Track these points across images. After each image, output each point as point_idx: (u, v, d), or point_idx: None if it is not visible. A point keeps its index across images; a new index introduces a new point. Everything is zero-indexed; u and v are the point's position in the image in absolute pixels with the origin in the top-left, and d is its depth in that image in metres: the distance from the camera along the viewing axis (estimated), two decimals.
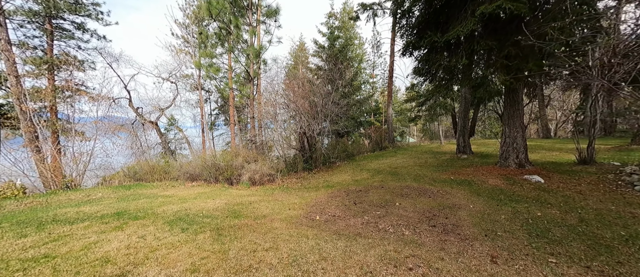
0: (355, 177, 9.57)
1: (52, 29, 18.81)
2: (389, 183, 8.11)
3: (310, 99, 11.23)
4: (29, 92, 15.66)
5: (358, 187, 7.88)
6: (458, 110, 12.51)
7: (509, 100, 8.73)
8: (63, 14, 19.16)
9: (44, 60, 18.31)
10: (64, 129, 15.75)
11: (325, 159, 12.19)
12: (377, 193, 6.97)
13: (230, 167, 9.85)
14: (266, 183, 9.81)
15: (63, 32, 19.81)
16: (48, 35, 18.58)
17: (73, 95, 17.77)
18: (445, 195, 6.44)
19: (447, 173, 8.94)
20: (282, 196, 7.65)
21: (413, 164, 11.05)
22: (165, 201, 7.03)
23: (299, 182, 9.88)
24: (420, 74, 9.74)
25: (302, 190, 8.37)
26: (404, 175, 9.10)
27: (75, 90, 18.22)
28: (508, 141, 8.72)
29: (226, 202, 6.77)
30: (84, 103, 19.41)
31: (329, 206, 6.18)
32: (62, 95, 18.89)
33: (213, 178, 9.79)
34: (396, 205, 5.85)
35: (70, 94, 17.70)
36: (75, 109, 17.16)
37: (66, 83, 18.07)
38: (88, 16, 19.79)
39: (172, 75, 23.70)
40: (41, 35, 18.80)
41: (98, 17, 20.03)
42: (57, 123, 17.14)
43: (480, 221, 4.68)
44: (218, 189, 8.83)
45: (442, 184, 7.57)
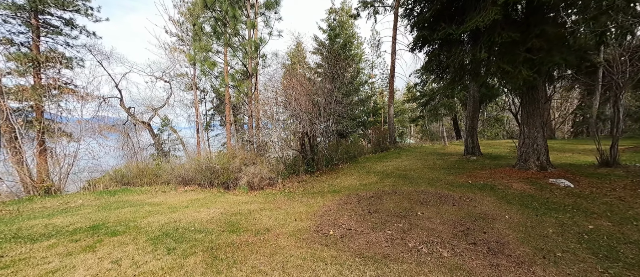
0: (362, 180, 8.73)
1: (38, 25, 17.57)
2: (402, 188, 7.29)
3: (312, 97, 10.37)
4: (11, 90, 14.43)
5: (369, 193, 7.03)
6: (468, 110, 11.80)
7: (527, 98, 8.00)
8: (49, 8, 17.92)
9: (29, 56, 17.01)
10: (49, 129, 14.57)
11: (328, 161, 11.34)
12: (392, 200, 6.14)
13: (227, 170, 8.92)
14: (266, 187, 8.90)
15: (50, 28, 18.54)
16: (34, 31, 17.34)
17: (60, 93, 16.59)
18: (470, 202, 5.63)
19: (461, 176, 8.17)
20: (285, 202, 6.76)
21: (421, 166, 10.26)
22: (153, 210, 6.07)
23: (302, 186, 9.00)
24: (430, 70, 8.97)
25: (306, 195, 7.49)
26: (416, 178, 8.30)
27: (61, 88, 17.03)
28: (527, 141, 7.99)
29: (222, 211, 5.85)
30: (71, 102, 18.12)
31: (340, 215, 5.31)
32: (48, 94, 17.58)
33: (208, 182, 8.85)
34: (418, 215, 5.02)
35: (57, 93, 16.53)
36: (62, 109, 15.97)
37: (53, 81, 16.86)
38: (77, 11, 18.59)
39: (166, 74, 22.58)
40: (27, 31, 17.55)
41: (87, 12, 18.84)
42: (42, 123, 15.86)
43: (526, 237, 3.87)
44: (213, 195, 7.89)
45: (461, 188, 6.78)
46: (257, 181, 8.59)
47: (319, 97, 10.17)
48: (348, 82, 15.09)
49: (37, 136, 14.38)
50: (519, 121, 9.20)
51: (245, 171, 8.88)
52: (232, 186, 8.77)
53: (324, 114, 10.31)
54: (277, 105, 9.65)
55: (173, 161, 11.97)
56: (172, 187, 9.02)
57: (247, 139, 11.01)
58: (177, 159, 19.03)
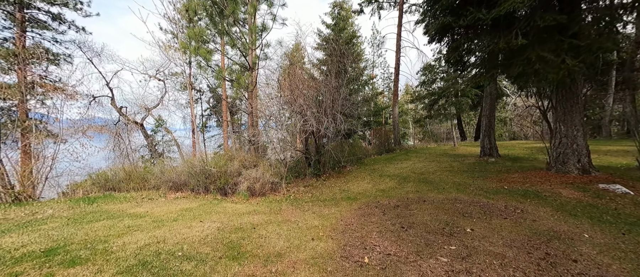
0: (378, 185, 7.60)
1: (23, 18, 16.12)
2: (428, 194, 6.17)
3: (318, 93, 9.23)
4: None
5: (391, 200, 5.90)
6: (484, 109, 10.80)
7: (564, 92, 6.99)
8: (35, 1, 16.47)
9: (11, 52, 15.49)
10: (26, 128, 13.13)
11: (335, 163, 10.18)
12: (425, 210, 5.01)
13: (224, 173, 7.70)
14: (268, 193, 7.70)
15: (37, 23, 17.04)
16: (18, 26, 15.88)
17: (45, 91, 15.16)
18: (523, 214, 4.54)
19: (491, 180, 7.11)
20: (294, 213, 5.57)
21: (439, 169, 9.18)
22: (133, 224, 4.83)
23: (308, 191, 7.82)
24: (453, 62, 7.91)
25: (317, 203, 6.31)
26: (439, 183, 7.20)
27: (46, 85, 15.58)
28: (565, 141, 6.97)
29: (219, 225, 4.64)
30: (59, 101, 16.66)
31: (368, 232, 4.16)
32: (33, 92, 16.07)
33: (202, 188, 7.61)
34: (467, 232, 3.90)
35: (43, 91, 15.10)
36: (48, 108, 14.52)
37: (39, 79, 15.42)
38: (65, 5, 17.17)
39: (160, 73, 21.19)
40: (11, 26, 16.07)
41: (76, 6, 17.45)
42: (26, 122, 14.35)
43: (637, 268, 2.77)
44: (208, 203, 6.66)
45: (500, 196, 5.69)
46: (259, 186, 7.39)
47: (325, 93, 9.03)
48: (353, 79, 14.04)
49: (22, 138, 12.92)
50: (548, 120, 8.19)
51: (245, 174, 7.67)
52: (230, 191, 7.55)
53: (330, 111, 9.17)
54: (280, 102, 8.47)
55: (165, 163, 10.66)
56: (161, 193, 7.75)
57: (248, 139, 9.80)
58: (172, 160, 17.67)
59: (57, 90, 15.45)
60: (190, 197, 7.33)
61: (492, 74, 6.98)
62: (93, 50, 18.35)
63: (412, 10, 16.90)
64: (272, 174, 7.84)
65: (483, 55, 6.83)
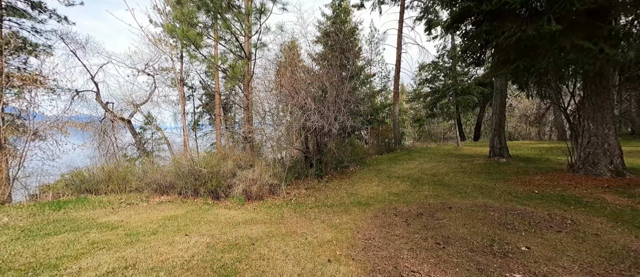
0: (389, 188, 6.74)
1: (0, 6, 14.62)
2: (451, 199, 5.34)
3: (320, 87, 8.32)
4: None
5: (410, 207, 5.03)
6: (494, 106, 10.10)
7: (593, 87, 6.29)
8: None
9: None
10: None
11: (337, 163, 9.28)
12: (456, 220, 4.17)
13: (217, 174, 6.69)
14: (266, 196, 6.74)
15: (14, 10, 15.50)
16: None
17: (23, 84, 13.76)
18: (576, 226, 3.74)
19: (514, 183, 6.34)
20: (299, 222, 4.64)
21: (450, 170, 8.41)
22: (100, 239, 3.81)
23: (312, 194, 6.89)
24: (470, 53, 7.13)
25: (324, 209, 5.40)
26: (458, 186, 6.39)
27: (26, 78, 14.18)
28: (594, 140, 6.26)
29: (209, 241, 3.67)
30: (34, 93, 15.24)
31: (395, 249, 3.28)
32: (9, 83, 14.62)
33: (191, 190, 6.58)
34: (523, 251, 3.06)
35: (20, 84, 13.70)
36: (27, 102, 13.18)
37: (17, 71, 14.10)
38: None
39: (149, 67, 19.84)
40: None
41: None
42: None
43: None
44: (198, 209, 5.65)
45: (535, 202, 4.90)
46: (256, 189, 6.42)
47: (329, 86, 8.12)
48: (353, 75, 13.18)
49: None
50: (570, 118, 7.51)
51: (241, 175, 6.69)
52: (223, 194, 6.55)
53: (333, 107, 8.26)
54: (279, 95, 7.51)
55: (150, 163, 9.51)
56: (144, 196, 6.68)
57: (243, 136, 8.78)
58: (162, 160, 16.41)
59: (36, 82, 14.05)
60: (176, 202, 6.29)
61: (517, 66, 6.21)
62: (77, 42, 16.90)
63: (414, 6, 16.17)
64: (271, 176, 6.88)
65: (507, 44, 6.04)
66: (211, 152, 8.47)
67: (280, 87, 6.87)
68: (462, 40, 7.63)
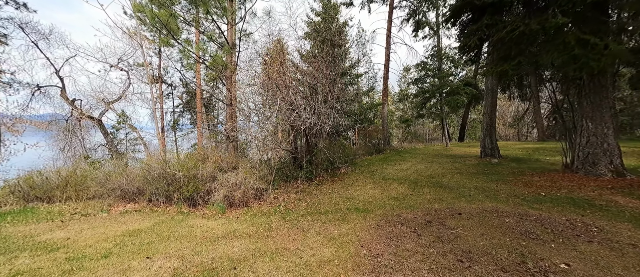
0: (387, 191, 6.15)
1: None
2: (458, 204, 4.83)
3: (310, 82, 7.62)
4: None
5: (415, 213, 4.45)
6: (485, 106, 9.88)
7: (592, 85, 6.07)
8: None
9: None
10: None
11: (328, 164, 8.61)
12: (471, 229, 3.62)
13: (194, 178, 5.78)
14: (251, 202, 5.93)
15: None
16: None
17: None
18: (604, 234, 3.31)
19: (515, 184, 5.98)
20: (291, 234, 3.91)
21: (445, 171, 8.00)
22: (28, 268, 2.87)
23: (303, 199, 6.17)
24: (468, 48, 6.73)
25: (318, 217, 4.70)
26: (459, 188, 5.92)
27: None
28: (593, 140, 6.03)
29: (177, 265, 2.86)
30: None
31: (412, 269, 2.66)
32: None
33: (163, 197, 5.62)
34: (563, 269, 2.54)
35: None
36: None
37: None
38: None
39: (123, 62, 18.21)
40: None
41: None
42: None
43: None
44: (169, 220, 4.75)
45: (546, 205, 4.49)
46: (240, 195, 5.59)
47: (321, 81, 7.45)
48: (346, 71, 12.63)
49: None
50: (563, 118, 7.33)
51: (222, 179, 5.82)
52: (201, 201, 5.66)
53: (325, 105, 7.60)
54: (267, 90, 6.73)
55: (121, 164, 8.30)
56: (106, 205, 5.64)
57: (225, 135, 7.86)
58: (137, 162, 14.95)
59: None
60: (144, 211, 5.32)
61: (518, 62, 5.86)
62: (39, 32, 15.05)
63: (402, 7, 15.92)
64: (257, 179, 6.08)
65: (509, 39, 5.68)
66: (190, 153, 7.47)
67: (268, 79, 6.09)
68: (459, 36, 7.25)
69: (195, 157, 6.47)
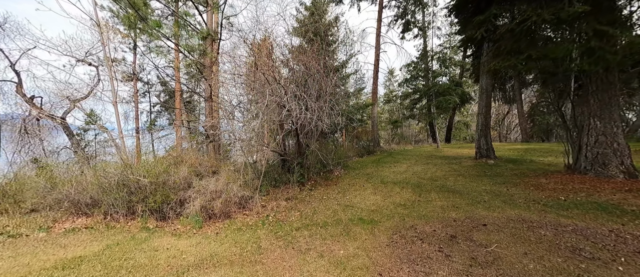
0: (390, 197, 5.41)
1: None
2: (475, 212, 4.17)
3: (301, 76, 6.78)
4: None
5: (433, 226, 3.72)
6: (480, 106, 9.49)
7: (599, 83, 5.71)
8: None
9: None
10: None
11: (321, 167, 7.77)
12: (506, 245, 2.94)
13: (163, 186, 4.72)
14: (235, 213, 4.96)
15: None
16: None
17: None
18: None
19: (524, 187, 5.47)
20: (286, 257, 3.04)
21: (446, 173, 7.44)
22: None
23: (295, 207, 5.28)
24: (473, 41, 6.20)
25: (317, 232, 3.84)
26: (469, 193, 5.30)
27: None
28: (602, 139, 5.65)
29: None
30: None
31: None
32: None
33: (123, 209, 4.52)
34: None
35: None
36: None
37: None
38: None
39: (92, 56, 16.38)
40: None
41: None
42: None
43: None
44: (127, 241, 3.69)
45: (574, 212, 3.93)
46: (221, 205, 4.60)
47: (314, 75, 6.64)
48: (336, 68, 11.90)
49: None
50: (564, 117, 6.98)
51: (199, 186, 4.80)
52: (172, 214, 4.61)
53: (317, 103, 6.78)
54: (253, 83, 5.78)
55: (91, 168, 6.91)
56: (48, 221, 4.44)
57: (204, 133, 6.78)
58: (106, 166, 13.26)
59: None
60: (97, 229, 4.19)
61: (528, 56, 5.36)
62: None
63: (392, 6, 15.50)
64: (241, 185, 5.11)
65: (520, 30, 5.17)
66: (161, 156, 6.25)
67: (255, 69, 5.16)
68: (462, 29, 6.73)
69: (166, 161, 5.39)
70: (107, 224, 4.39)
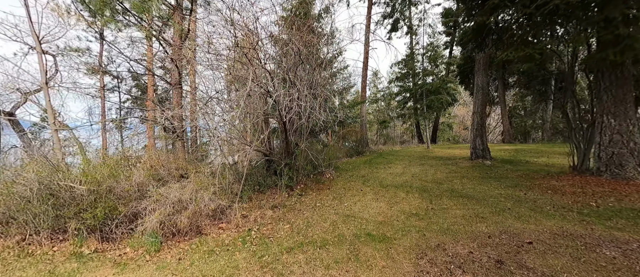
0: (396, 204, 4.53)
1: None
2: (505, 223, 3.39)
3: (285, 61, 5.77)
4: None
5: (464, 244, 2.88)
6: (475, 105, 9.00)
7: (613, 78, 5.24)
8: None
9: None
10: None
11: (312, 169, 6.77)
12: (576, 272, 2.11)
13: (108, 195, 3.50)
14: (207, 227, 3.83)
15: None
16: None
17: None
18: None
19: (542, 192, 4.84)
20: None
21: (448, 175, 6.76)
22: None
23: (284, 218, 4.25)
24: (483, 32, 5.52)
25: (315, 255, 2.86)
26: (484, 198, 4.56)
27: None
28: (617, 138, 5.17)
29: None
30: None
31: None
32: None
33: (48, 227, 3.26)
34: None
35: None
36: None
37: None
38: None
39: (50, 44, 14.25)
40: None
41: None
42: None
43: None
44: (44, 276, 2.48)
45: (624, 222, 3.28)
46: (187, 219, 3.47)
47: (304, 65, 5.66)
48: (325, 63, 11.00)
49: None
50: (568, 117, 6.54)
51: (157, 195, 3.63)
52: (119, 232, 3.41)
53: (309, 93, 5.80)
54: (233, 69, 4.69)
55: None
56: None
57: (170, 128, 5.50)
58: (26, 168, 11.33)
59: None
60: (4, 258, 2.92)
61: (545, 44, 4.75)
62: None
63: (381, 3, 14.90)
64: (217, 192, 4.00)
65: (542, 13, 4.55)
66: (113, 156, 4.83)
67: (235, 46, 4.06)
68: (467, 18, 6.07)
69: (114, 161, 4.13)
70: (22, 249, 3.11)
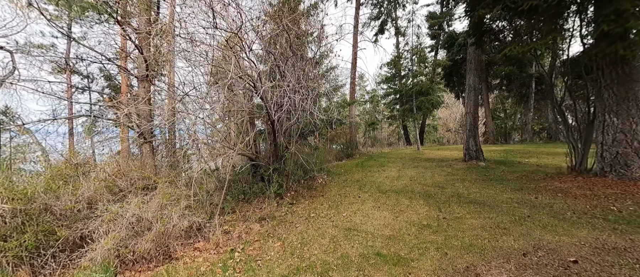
0: (400, 213, 3.97)
1: None
2: (534, 235, 2.91)
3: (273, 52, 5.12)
4: None
5: (500, 267, 2.33)
6: (468, 105, 8.73)
7: (615, 75, 5.04)
8: None
9: None
10: None
11: (303, 173, 6.09)
12: None
13: (43, 215, 2.66)
14: (179, 249, 3.06)
15: None
16: None
17: None
18: None
19: (553, 195, 4.48)
20: None
21: (448, 178, 6.35)
22: None
23: (273, 234, 3.56)
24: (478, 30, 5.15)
25: None
26: (495, 204, 4.12)
27: None
28: (621, 137, 4.95)
29: None
30: None
31: None
32: None
33: None
34: None
35: None
36: None
37: None
38: None
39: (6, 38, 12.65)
40: None
41: None
42: None
43: None
44: None
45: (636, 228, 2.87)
46: (150, 243, 2.69)
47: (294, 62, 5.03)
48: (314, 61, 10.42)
49: None
50: (564, 116, 6.35)
51: (110, 213, 2.83)
52: (54, 265, 2.58)
53: (299, 90, 5.18)
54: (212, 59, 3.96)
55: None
56: None
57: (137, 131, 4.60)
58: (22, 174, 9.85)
59: None
60: None
61: (553, 38, 4.43)
62: None
63: (368, 4, 14.59)
64: (191, 206, 3.24)
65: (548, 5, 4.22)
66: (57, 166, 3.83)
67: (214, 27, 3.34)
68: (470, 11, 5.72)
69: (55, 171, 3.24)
70: None
